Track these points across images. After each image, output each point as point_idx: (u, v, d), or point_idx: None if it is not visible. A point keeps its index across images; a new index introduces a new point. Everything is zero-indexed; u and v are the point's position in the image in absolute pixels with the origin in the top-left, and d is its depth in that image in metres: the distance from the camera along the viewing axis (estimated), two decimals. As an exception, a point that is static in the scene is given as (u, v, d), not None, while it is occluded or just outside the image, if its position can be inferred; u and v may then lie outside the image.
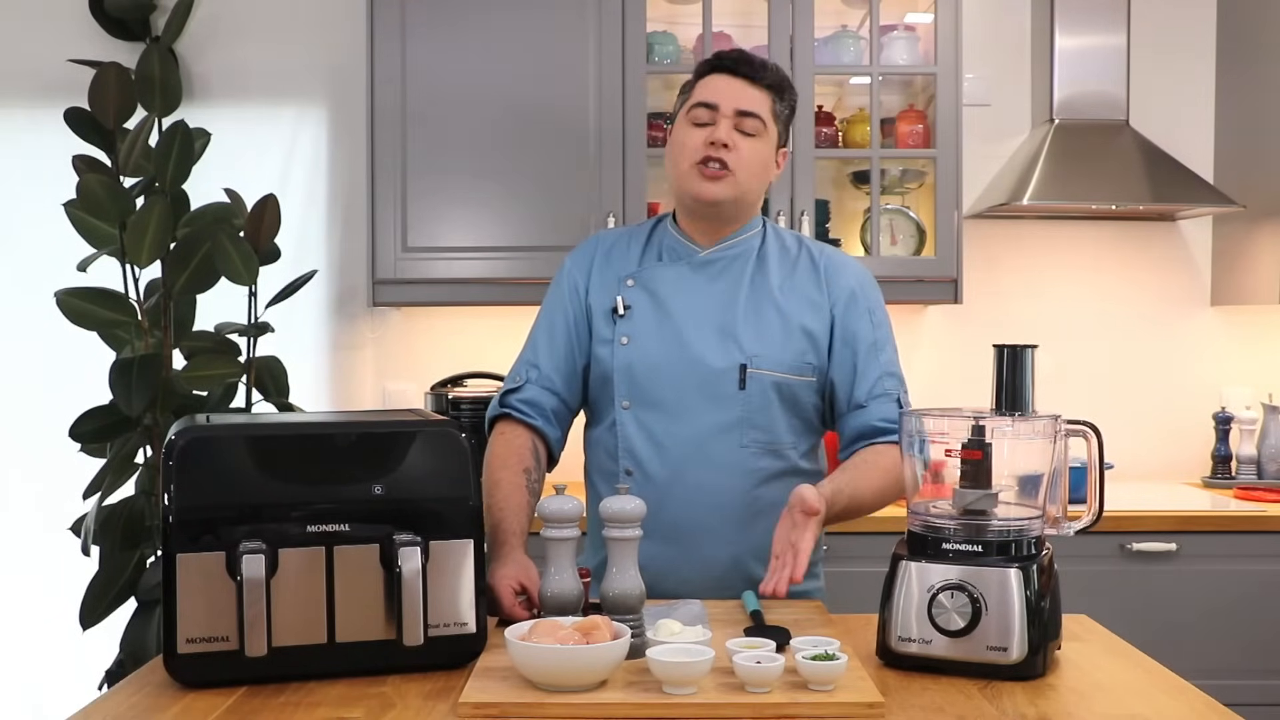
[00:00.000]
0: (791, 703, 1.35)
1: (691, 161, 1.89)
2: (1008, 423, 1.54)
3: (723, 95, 1.88)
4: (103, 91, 2.80)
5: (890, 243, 3.29)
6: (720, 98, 1.88)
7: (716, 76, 1.91)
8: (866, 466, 1.87)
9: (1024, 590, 1.46)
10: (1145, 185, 3.18)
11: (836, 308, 1.93)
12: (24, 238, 3.36)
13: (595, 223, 3.09)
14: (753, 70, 1.90)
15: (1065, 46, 3.29)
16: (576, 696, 1.36)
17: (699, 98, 1.90)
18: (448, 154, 3.12)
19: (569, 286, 1.99)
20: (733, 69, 1.90)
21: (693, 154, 1.88)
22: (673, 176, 1.95)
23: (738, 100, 1.88)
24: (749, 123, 1.88)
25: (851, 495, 1.82)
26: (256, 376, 2.90)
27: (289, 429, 1.56)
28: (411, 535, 1.46)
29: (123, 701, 1.40)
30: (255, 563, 1.39)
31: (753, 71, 1.89)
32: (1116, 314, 3.51)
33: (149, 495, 2.81)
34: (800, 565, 1.65)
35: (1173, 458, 3.47)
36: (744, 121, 1.88)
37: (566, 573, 1.57)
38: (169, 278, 2.85)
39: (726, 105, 1.87)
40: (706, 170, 1.88)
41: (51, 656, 3.27)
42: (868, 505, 1.87)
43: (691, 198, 1.91)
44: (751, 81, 1.89)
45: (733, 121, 1.87)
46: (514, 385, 1.97)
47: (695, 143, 1.88)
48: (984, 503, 1.51)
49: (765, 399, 1.89)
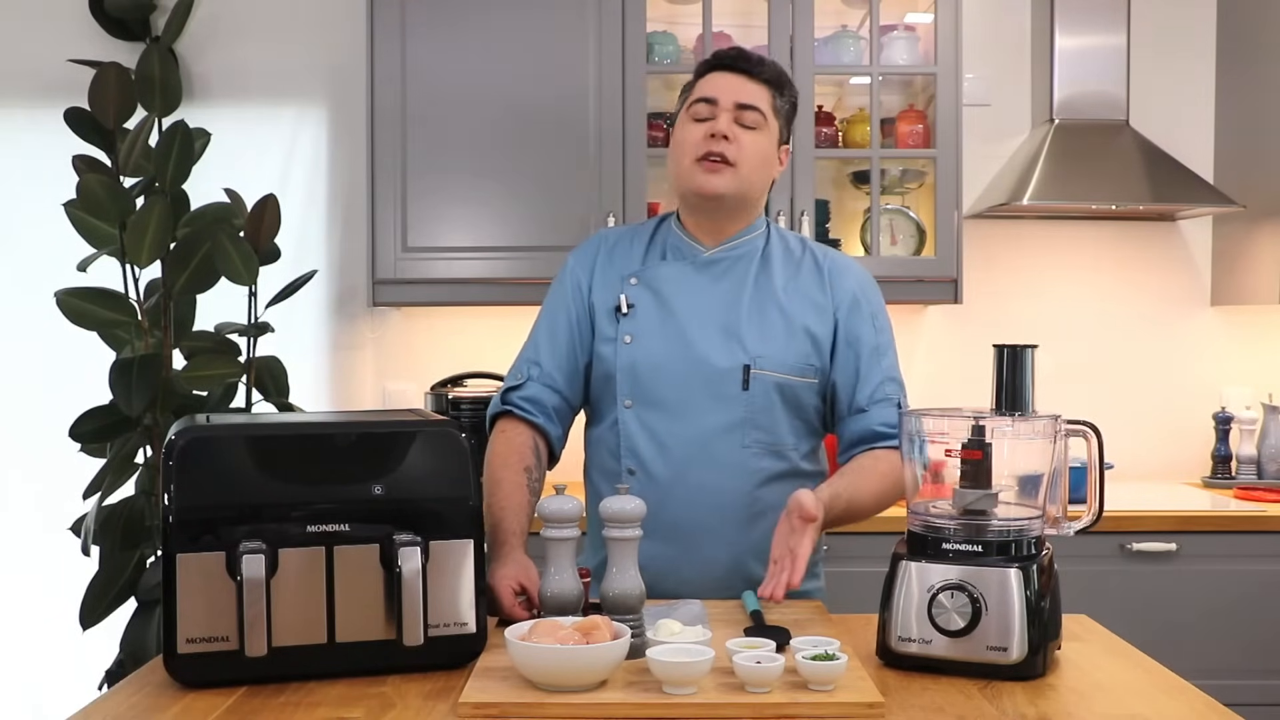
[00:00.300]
0: (791, 703, 1.35)
1: (693, 157, 1.89)
2: (1008, 423, 1.54)
3: (721, 90, 1.89)
4: (103, 91, 2.79)
5: (890, 243, 3.29)
6: (719, 92, 1.89)
7: (715, 74, 1.92)
8: (865, 471, 1.88)
9: (1024, 590, 1.46)
10: (1145, 185, 3.18)
11: (840, 311, 1.94)
12: (24, 238, 3.36)
13: (595, 223, 3.09)
14: (751, 65, 1.91)
15: (1065, 46, 3.29)
16: (576, 696, 1.36)
17: (699, 94, 1.91)
18: (448, 154, 3.12)
19: (572, 284, 1.99)
20: (731, 65, 1.91)
21: (693, 149, 1.89)
22: (675, 174, 1.95)
23: (736, 94, 1.88)
24: (749, 115, 1.88)
25: (850, 500, 1.82)
26: (256, 376, 2.90)
27: (289, 429, 1.57)
28: (411, 535, 1.46)
29: (123, 701, 1.40)
30: (255, 563, 1.39)
31: (751, 66, 1.90)
32: (1116, 314, 3.51)
33: (149, 495, 2.81)
34: (798, 571, 1.65)
35: (1173, 458, 3.47)
36: (744, 115, 1.88)
37: (566, 573, 1.57)
38: (169, 278, 2.85)
39: (725, 99, 1.88)
40: (707, 164, 1.88)
41: (51, 656, 3.27)
42: (866, 509, 1.87)
43: (693, 192, 1.91)
44: (750, 76, 1.90)
45: (732, 115, 1.88)
46: (515, 382, 1.96)
47: (695, 137, 1.89)
48: (984, 503, 1.51)
49: (768, 400, 1.89)
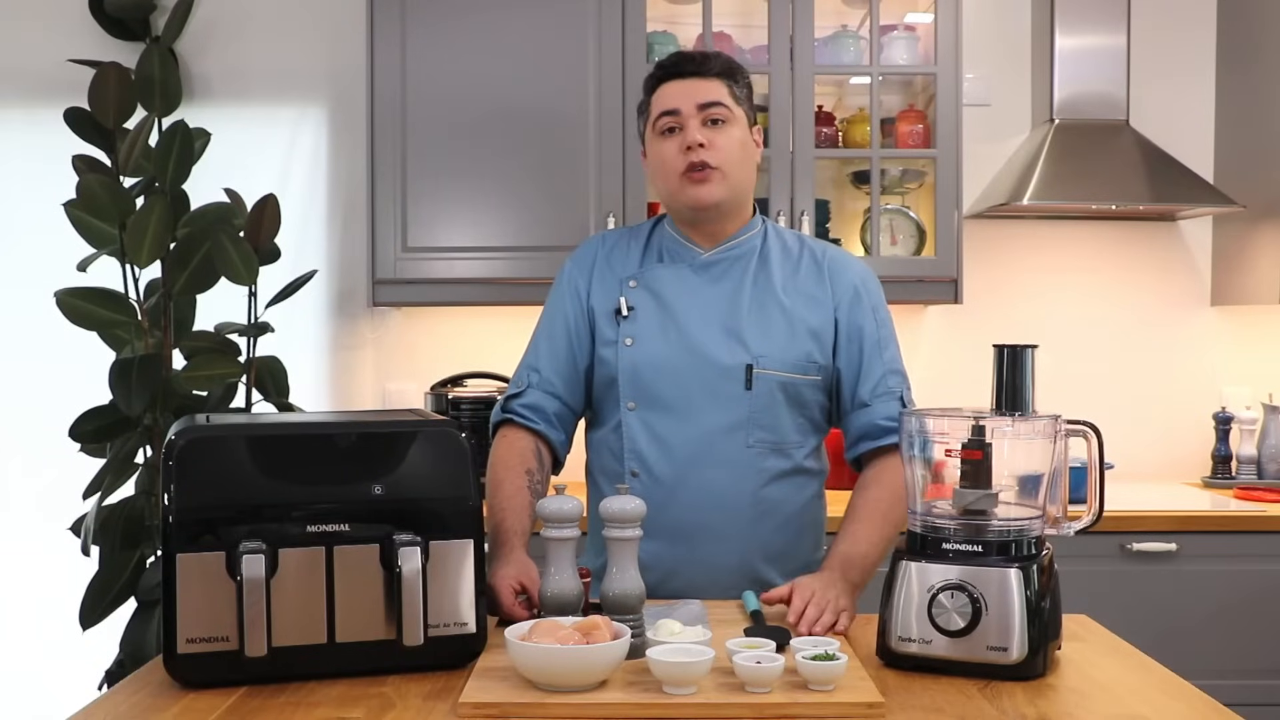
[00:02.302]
0: (791, 703, 1.35)
1: (676, 173, 1.89)
2: (1008, 423, 1.54)
3: (678, 98, 1.88)
4: (103, 91, 2.80)
5: (890, 243, 3.29)
6: (676, 101, 1.88)
7: (668, 84, 1.91)
8: (877, 518, 1.86)
9: (1024, 590, 1.46)
10: (1145, 185, 3.18)
11: (840, 304, 1.93)
12: (24, 238, 3.36)
13: (595, 223, 3.09)
14: (697, 65, 1.90)
15: (1065, 46, 3.29)
16: (576, 696, 1.36)
17: (659, 109, 1.90)
18: (448, 154, 3.12)
19: (570, 289, 1.99)
20: (678, 71, 1.90)
21: (674, 165, 1.89)
22: (663, 193, 1.95)
23: (695, 97, 1.88)
24: (714, 111, 1.87)
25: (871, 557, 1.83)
26: (256, 376, 2.90)
27: (289, 429, 1.56)
28: (411, 535, 1.46)
29: (123, 701, 1.40)
30: (255, 563, 1.39)
31: (697, 66, 1.90)
32: (1116, 314, 3.51)
33: (149, 495, 2.81)
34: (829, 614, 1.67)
35: (1173, 458, 3.47)
36: (709, 113, 1.87)
37: (566, 573, 1.57)
38: (169, 278, 2.85)
39: (686, 105, 1.87)
40: (694, 176, 1.87)
41: (51, 656, 3.27)
42: (881, 548, 1.84)
43: (687, 207, 1.91)
44: (700, 76, 1.89)
45: (699, 119, 1.87)
46: (516, 390, 1.96)
47: (672, 154, 1.88)
48: (984, 503, 1.51)
49: (771, 398, 1.89)
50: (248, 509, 1.43)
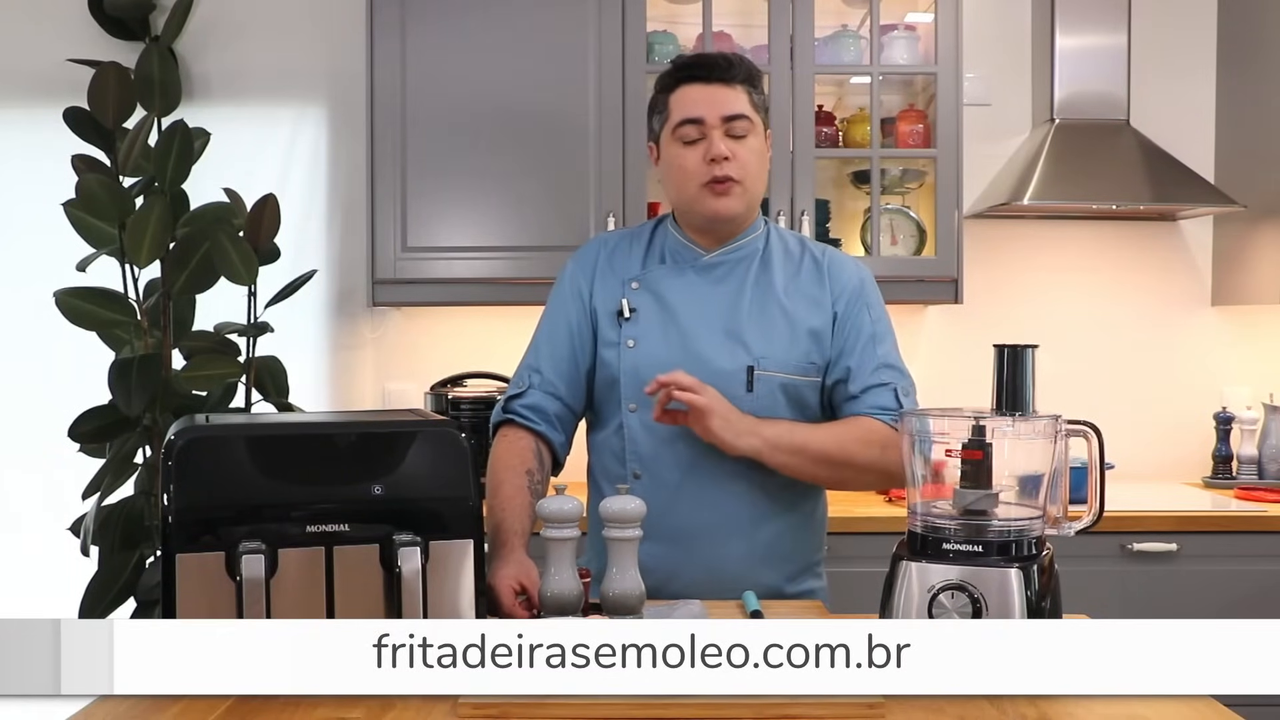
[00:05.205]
0: (792, 702, 1.34)
1: (698, 184, 1.87)
2: (1008, 423, 1.54)
3: (704, 107, 1.85)
4: (102, 91, 2.79)
5: (890, 243, 3.28)
6: (701, 110, 1.85)
7: (690, 88, 1.87)
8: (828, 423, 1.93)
9: (1024, 590, 1.45)
10: (1145, 185, 3.18)
11: (838, 304, 1.93)
12: (23, 237, 3.35)
13: (595, 223, 3.09)
14: (723, 72, 1.87)
15: (1065, 46, 3.28)
16: (576, 696, 1.35)
17: (681, 114, 1.87)
18: (448, 154, 3.12)
19: (571, 290, 1.98)
20: (704, 76, 1.87)
21: (697, 175, 1.87)
22: (678, 200, 1.93)
23: (721, 108, 1.85)
24: (738, 125, 1.86)
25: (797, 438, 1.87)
26: (256, 376, 2.90)
27: (289, 429, 1.56)
28: (411, 535, 1.46)
29: (123, 701, 1.40)
30: (255, 563, 1.39)
31: (724, 74, 1.87)
32: (1116, 314, 3.51)
33: (148, 495, 2.81)
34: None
35: (1173, 458, 3.47)
36: (733, 126, 1.86)
37: (566, 573, 1.57)
38: (168, 278, 2.84)
39: (712, 116, 1.85)
40: (716, 188, 1.86)
41: (51, 657, 3.27)
42: (818, 443, 1.87)
43: (706, 218, 1.90)
44: (726, 84, 1.86)
45: (722, 130, 1.85)
46: (516, 391, 1.96)
47: (694, 163, 1.86)
48: (984, 503, 1.50)
49: (773, 400, 1.89)
50: (247, 509, 1.43)
